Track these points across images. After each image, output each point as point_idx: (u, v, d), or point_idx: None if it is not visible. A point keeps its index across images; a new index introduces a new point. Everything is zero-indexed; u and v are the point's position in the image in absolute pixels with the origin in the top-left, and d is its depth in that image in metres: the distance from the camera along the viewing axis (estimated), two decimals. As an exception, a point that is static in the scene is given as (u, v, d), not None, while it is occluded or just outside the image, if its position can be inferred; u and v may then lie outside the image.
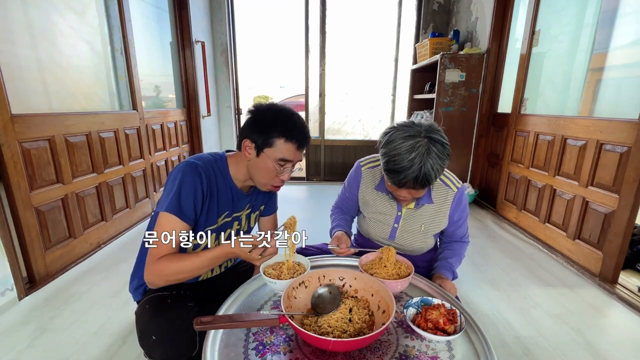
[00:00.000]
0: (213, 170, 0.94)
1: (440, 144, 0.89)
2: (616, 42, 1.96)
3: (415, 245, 1.17)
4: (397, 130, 0.92)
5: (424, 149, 0.87)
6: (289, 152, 0.90)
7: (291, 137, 0.89)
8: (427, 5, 3.73)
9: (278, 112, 0.91)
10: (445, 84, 2.95)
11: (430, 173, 0.87)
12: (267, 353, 0.70)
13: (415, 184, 0.89)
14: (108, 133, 2.22)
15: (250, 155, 0.92)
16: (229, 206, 1.00)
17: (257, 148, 0.90)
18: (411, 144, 0.87)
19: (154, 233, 0.85)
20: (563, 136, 2.17)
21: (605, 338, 1.41)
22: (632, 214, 1.69)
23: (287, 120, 0.90)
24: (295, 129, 0.90)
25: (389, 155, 0.91)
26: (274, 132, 0.88)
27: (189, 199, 0.87)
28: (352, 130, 4.22)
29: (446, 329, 0.75)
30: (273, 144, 0.89)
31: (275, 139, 0.88)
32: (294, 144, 0.90)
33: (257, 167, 0.93)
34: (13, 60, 1.62)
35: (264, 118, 0.90)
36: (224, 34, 3.77)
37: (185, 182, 0.87)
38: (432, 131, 0.90)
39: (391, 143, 0.91)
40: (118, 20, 2.35)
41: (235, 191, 1.00)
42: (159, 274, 0.84)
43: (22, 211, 1.60)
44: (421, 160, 0.86)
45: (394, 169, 0.90)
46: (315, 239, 1.45)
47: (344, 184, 1.28)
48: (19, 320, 1.45)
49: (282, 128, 0.89)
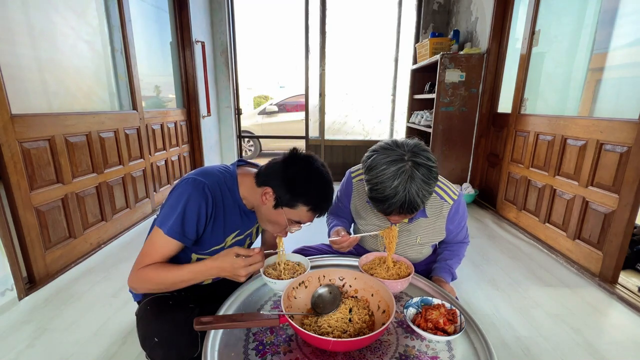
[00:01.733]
0: (221, 189, 0.90)
1: (425, 168, 0.83)
2: (616, 42, 1.96)
3: (412, 256, 1.15)
4: (379, 154, 0.86)
5: (407, 175, 0.82)
6: (307, 219, 0.88)
7: (315, 209, 0.86)
8: (427, 5, 3.73)
9: (314, 179, 0.85)
10: (445, 84, 2.95)
11: (415, 200, 0.83)
12: (267, 353, 0.70)
13: (402, 211, 0.85)
14: (108, 133, 2.22)
15: (267, 203, 0.88)
16: (238, 225, 0.98)
17: (277, 200, 0.86)
18: (394, 170, 0.82)
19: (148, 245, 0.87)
20: (563, 136, 2.17)
21: (605, 338, 1.41)
22: (632, 214, 1.69)
23: (319, 193, 0.86)
24: (324, 201, 0.87)
25: (371, 182, 0.86)
26: (302, 197, 0.84)
27: (192, 221, 0.85)
28: (352, 130, 4.22)
29: (446, 329, 0.75)
30: (295, 207, 0.85)
31: (300, 204, 0.85)
32: (314, 213, 0.87)
33: (269, 216, 0.90)
34: (13, 60, 1.62)
35: (297, 179, 0.84)
36: (224, 34, 3.77)
37: (190, 203, 0.84)
38: (417, 153, 0.84)
39: (374, 169, 0.85)
40: (118, 20, 2.35)
41: (244, 210, 0.96)
42: (143, 282, 0.85)
43: (22, 211, 1.60)
44: (405, 187, 0.81)
45: (378, 197, 0.85)
46: (314, 239, 1.46)
47: (337, 193, 1.23)
48: (19, 320, 1.45)
49: (311, 198, 0.85)
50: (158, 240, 0.85)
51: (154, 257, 0.85)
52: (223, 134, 4.11)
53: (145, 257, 0.86)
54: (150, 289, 0.89)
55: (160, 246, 0.85)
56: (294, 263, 0.97)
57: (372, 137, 4.24)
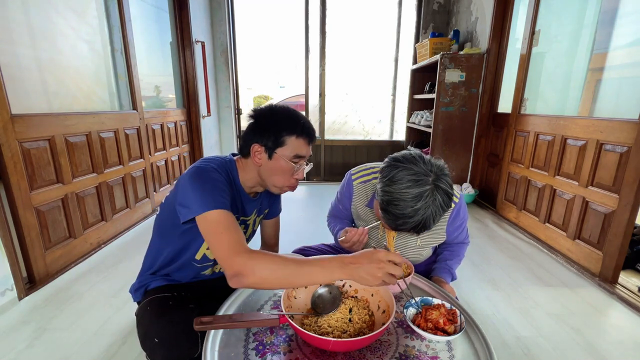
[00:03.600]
0: (226, 172, 0.92)
1: (446, 195, 0.82)
2: (616, 42, 1.96)
3: (412, 258, 1.15)
4: (403, 169, 0.82)
5: (430, 199, 0.80)
6: (302, 148, 0.90)
7: (301, 132, 0.89)
8: (427, 5, 3.73)
9: (281, 111, 0.91)
10: (445, 84, 2.95)
11: (430, 223, 0.82)
12: (267, 353, 0.70)
13: (414, 230, 0.85)
14: (108, 133, 2.22)
15: (262, 160, 0.90)
16: (236, 210, 0.98)
17: (268, 150, 0.89)
18: (418, 192, 0.79)
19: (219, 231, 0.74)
20: (563, 136, 2.17)
21: (605, 338, 1.41)
22: (632, 214, 1.69)
23: (293, 117, 0.90)
24: (302, 124, 0.90)
25: (391, 195, 0.82)
26: (283, 130, 0.88)
27: (221, 191, 0.81)
28: (352, 130, 4.21)
29: (446, 329, 0.75)
30: (284, 142, 0.88)
31: (286, 137, 0.88)
32: (304, 139, 0.90)
33: (272, 170, 0.91)
34: (13, 60, 1.62)
35: (269, 119, 0.90)
36: (224, 34, 3.77)
37: (213, 175, 0.83)
38: (440, 177, 0.82)
39: (395, 183, 0.82)
40: (118, 20, 2.35)
41: (244, 196, 0.99)
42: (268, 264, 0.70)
43: (22, 211, 1.60)
44: (425, 211, 0.80)
45: (395, 213, 0.82)
46: (314, 239, 1.46)
47: (337, 195, 1.23)
48: (19, 320, 1.45)
49: (290, 125, 0.89)
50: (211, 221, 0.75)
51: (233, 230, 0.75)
52: (223, 134, 4.10)
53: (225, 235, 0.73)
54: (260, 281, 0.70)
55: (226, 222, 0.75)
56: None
57: (372, 137, 4.24)
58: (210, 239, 0.75)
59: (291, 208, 3.09)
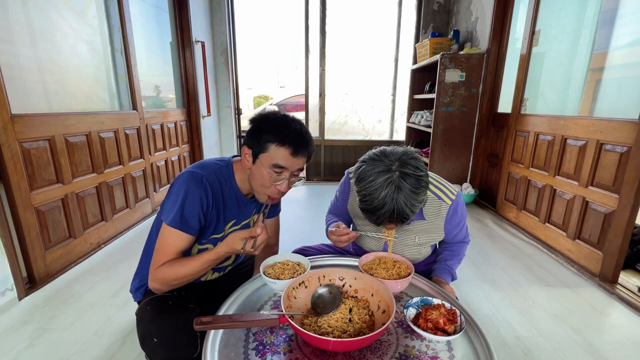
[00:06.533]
0: (218, 179, 0.93)
1: (413, 178, 0.83)
2: (616, 42, 1.96)
3: (410, 256, 1.14)
4: (367, 165, 0.87)
5: (394, 186, 0.82)
6: (283, 158, 0.87)
7: (284, 142, 0.86)
8: (427, 5, 3.73)
9: (274, 116, 0.90)
10: (445, 84, 2.95)
11: (404, 210, 0.83)
12: (267, 353, 0.70)
13: (392, 221, 0.86)
14: (108, 133, 2.22)
15: (249, 163, 0.91)
16: (235, 214, 0.99)
17: (253, 154, 0.89)
18: (381, 182, 0.82)
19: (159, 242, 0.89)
20: (563, 136, 2.17)
21: (605, 338, 1.41)
22: (632, 214, 1.69)
23: (281, 124, 0.88)
24: (289, 133, 0.87)
25: (361, 194, 0.86)
26: (267, 136, 0.87)
27: (193, 212, 0.87)
28: (352, 130, 4.21)
29: (446, 329, 0.75)
30: (267, 149, 0.87)
31: (269, 144, 0.86)
32: (287, 149, 0.86)
33: (254, 175, 0.91)
34: (13, 60, 1.62)
35: (260, 123, 0.90)
36: (224, 34, 3.77)
37: (189, 195, 0.87)
38: (405, 163, 0.84)
39: (363, 180, 0.86)
40: (118, 20, 2.35)
41: (241, 199, 0.99)
42: (162, 281, 0.87)
43: (22, 211, 1.60)
44: (393, 198, 0.81)
45: (367, 208, 0.86)
46: (314, 239, 1.46)
47: (336, 193, 1.24)
48: (19, 320, 1.45)
49: (274, 132, 0.86)
50: (165, 234, 0.88)
51: (166, 252, 0.88)
52: (223, 134, 4.10)
53: (158, 254, 0.88)
54: (173, 285, 0.90)
55: (168, 240, 0.88)
56: (294, 263, 0.97)
57: (372, 137, 4.24)
58: (158, 245, 0.89)
59: (291, 208, 3.09)
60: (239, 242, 0.83)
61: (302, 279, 0.86)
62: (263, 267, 0.93)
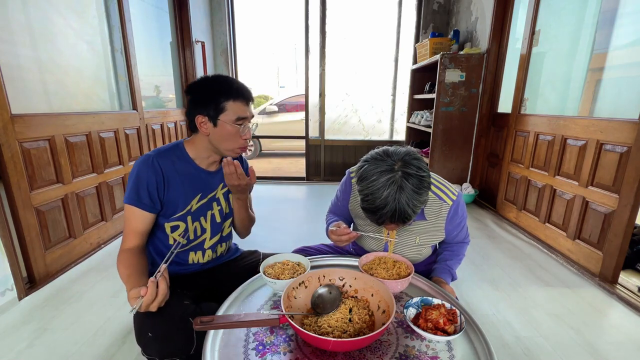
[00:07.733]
0: (170, 158, 0.99)
1: (416, 178, 0.83)
2: (616, 42, 1.96)
3: (411, 257, 1.14)
4: (370, 164, 0.87)
5: (396, 185, 0.81)
6: (241, 110, 0.97)
7: (237, 96, 0.95)
8: (427, 5, 3.73)
9: (214, 80, 0.98)
10: (445, 84, 2.95)
11: (406, 210, 0.82)
12: (267, 353, 0.70)
13: (393, 221, 0.85)
14: (108, 133, 2.22)
15: (209, 129, 0.97)
16: (199, 187, 1.04)
17: (211, 119, 0.96)
18: (384, 181, 0.82)
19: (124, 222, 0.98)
20: (563, 136, 2.17)
21: (605, 338, 1.41)
22: (632, 214, 1.69)
23: (226, 83, 0.96)
24: (236, 87, 0.96)
25: (363, 193, 0.86)
26: (221, 97, 0.94)
27: (143, 188, 0.94)
28: (352, 130, 4.21)
29: (446, 329, 0.75)
30: (225, 108, 0.95)
31: (225, 103, 0.95)
32: (241, 101, 0.96)
33: (220, 136, 0.97)
34: (13, 61, 1.62)
35: (205, 90, 0.97)
36: (224, 34, 3.77)
37: (139, 173, 0.95)
38: (408, 163, 0.84)
39: (365, 179, 0.86)
40: (118, 20, 2.35)
41: (202, 172, 1.04)
42: (118, 267, 0.92)
43: (22, 211, 1.60)
44: (395, 198, 0.81)
45: (369, 208, 0.86)
46: (314, 239, 1.46)
47: (336, 192, 1.23)
48: (19, 320, 1.45)
49: (225, 92, 0.95)
50: (125, 213, 0.97)
51: (128, 229, 0.95)
52: (223, 134, 4.10)
53: (123, 234, 0.97)
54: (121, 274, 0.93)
55: (128, 217, 0.96)
56: (294, 263, 0.97)
57: (372, 137, 4.24)
58: (124, 225, 0.98)
59: (291, 208, 3.10)
60: (131, 300, 0.78)
61: (302, 279, 0.86)
62: (263, 267, 0.93)
